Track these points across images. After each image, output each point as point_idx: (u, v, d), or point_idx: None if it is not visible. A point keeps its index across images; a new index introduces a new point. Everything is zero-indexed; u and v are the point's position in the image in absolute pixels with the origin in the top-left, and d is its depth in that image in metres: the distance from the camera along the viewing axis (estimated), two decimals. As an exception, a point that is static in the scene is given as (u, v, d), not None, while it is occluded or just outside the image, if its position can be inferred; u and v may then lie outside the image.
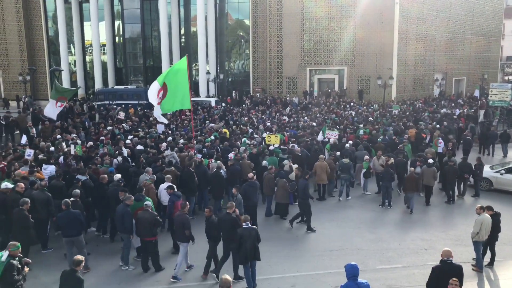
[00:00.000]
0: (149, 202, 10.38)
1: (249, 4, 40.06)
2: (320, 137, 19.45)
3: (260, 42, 40.28)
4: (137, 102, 31.28)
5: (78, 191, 11.10)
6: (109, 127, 20.76)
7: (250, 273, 9.51)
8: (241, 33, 43.85)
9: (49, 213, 11.13)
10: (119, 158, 14.72)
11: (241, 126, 22.13)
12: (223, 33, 42.97)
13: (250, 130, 21.03)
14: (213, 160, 15.17)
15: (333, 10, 37.41)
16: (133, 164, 14.60)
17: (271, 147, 16.87)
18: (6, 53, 46.81)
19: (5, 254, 7.29)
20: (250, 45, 40.83)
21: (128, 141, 17.08)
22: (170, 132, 20.84)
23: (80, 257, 7.72)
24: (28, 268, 7.68)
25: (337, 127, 21.71)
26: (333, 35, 37.86)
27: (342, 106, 31.78)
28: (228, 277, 7.11)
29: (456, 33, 43.09)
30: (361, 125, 22.56)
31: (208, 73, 39.51)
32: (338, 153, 17.00)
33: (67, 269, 7.74)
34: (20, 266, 7.37)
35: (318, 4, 37.65)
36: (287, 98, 36.36)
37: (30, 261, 7.91)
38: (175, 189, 11.67)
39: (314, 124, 23.12)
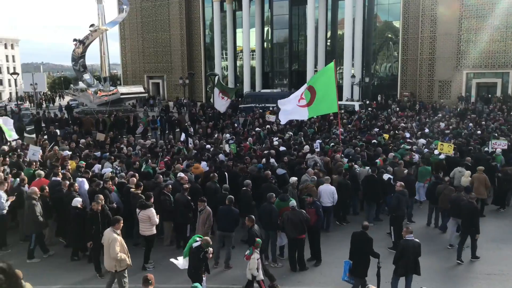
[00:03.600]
0: (294, 202, 10.57)
1: (400, 5, 38.29)
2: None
3: (411, 43, 38.18)
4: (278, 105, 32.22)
5: (249, 181, 11.92)
6: (257, 129, 21.75)
7: (396, 285, 9.04)
8: (389, 35, 42.18)
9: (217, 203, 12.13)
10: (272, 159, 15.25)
11: (396, 132, 21.24)
12: (371, 35, 41.83)
13: (407, 135, 20.05)
14: (357, 165, 14.76)
15: (498, 7, 33.59)
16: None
17: (441, 156, 15.75)
18: (170, 60, 52.51)
19: (197, 243, 8.23)
20: (400, 47, 39.00)
21: (275, 143, 17.64)
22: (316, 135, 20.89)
23: (367, 223, 9.39)
24: (211, 255, 8.58)
25: (504, 136, 19.42)
26: (497, 35, 33.99)
27: (505, 113, 28.26)
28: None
29: None
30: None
31: (353, 76, 38.84)
32: None
33: (357, 231, 9.22)
34: (202, 257, 8.26)
35: (480, 1, 34.18)
36: (442, 103, 33.71)
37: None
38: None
39: (479, 132, 21.07)
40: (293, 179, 12.38)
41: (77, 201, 10.54)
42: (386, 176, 13.43)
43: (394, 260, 9.11)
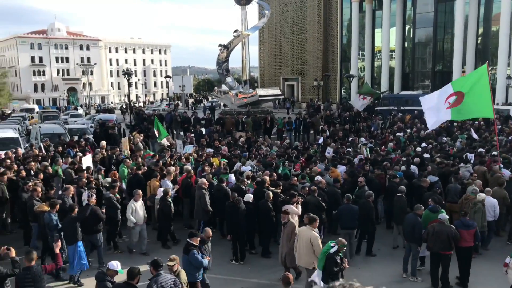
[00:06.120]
0: (444, 215, 9.75)
1: None
2: None
3: None
4: (422, 108, 30.21)
5: (403, 187, 11.61)
6: (398, 133, 20.64)
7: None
8: (559, 29, 36.56)
9: None
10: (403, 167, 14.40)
11: None
12: (532, 30, 36.75)
13: None
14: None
15: None
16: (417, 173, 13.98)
17: None
18: (306, 61, 53.06)
19: (334, 248, 8.20)
20: None
21: (418, 149, 16.54)
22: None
23: None
24: (346, 264, 8.42)
25: None
26: None
27: None
28: None
29: None
30: None
31: (509, 77, 34.62)
32: None
33: None
34: (338, 261, 8.16)
35: None
36: None
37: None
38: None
39: None
40: (482, 195, 11.18)
41: (249, 197, 11.15)
42: None
43: None
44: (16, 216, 12.74)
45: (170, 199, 11.54)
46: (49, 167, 13.65)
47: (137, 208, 11.10)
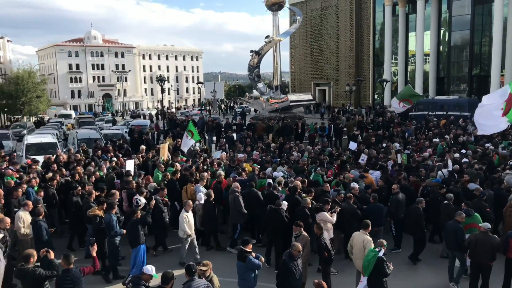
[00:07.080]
0: (487, 224, 9.40)
1: None
2: None
3: None
4: (458, 113, 29.40)
5: (451, 195, 11.33)
6: (434, 139, 20.09)
7: None
8: None
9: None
10: (444, 171, 13.99)
11: None
12: None
13: None
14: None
15: None
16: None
17: None
18: (338, 66, 52.64)
19: (381, 251, 8.06)
20: None
21: (456, 155, 16.05)
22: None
23: None
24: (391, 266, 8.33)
25: None
26: None
27: None
28: None
29: None
30: None
31: (551, 81, 33.27)
32: None
33: None
34: (386, 264, 8.07)
35: None
36: None
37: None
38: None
39: None
40: None
41: (284, 204, 10.97)
42: None
43: None
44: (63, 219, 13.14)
45: (213, 202, 11.62)
46: (97, 172, 14.02)
47: (189, 219, 10.96)
